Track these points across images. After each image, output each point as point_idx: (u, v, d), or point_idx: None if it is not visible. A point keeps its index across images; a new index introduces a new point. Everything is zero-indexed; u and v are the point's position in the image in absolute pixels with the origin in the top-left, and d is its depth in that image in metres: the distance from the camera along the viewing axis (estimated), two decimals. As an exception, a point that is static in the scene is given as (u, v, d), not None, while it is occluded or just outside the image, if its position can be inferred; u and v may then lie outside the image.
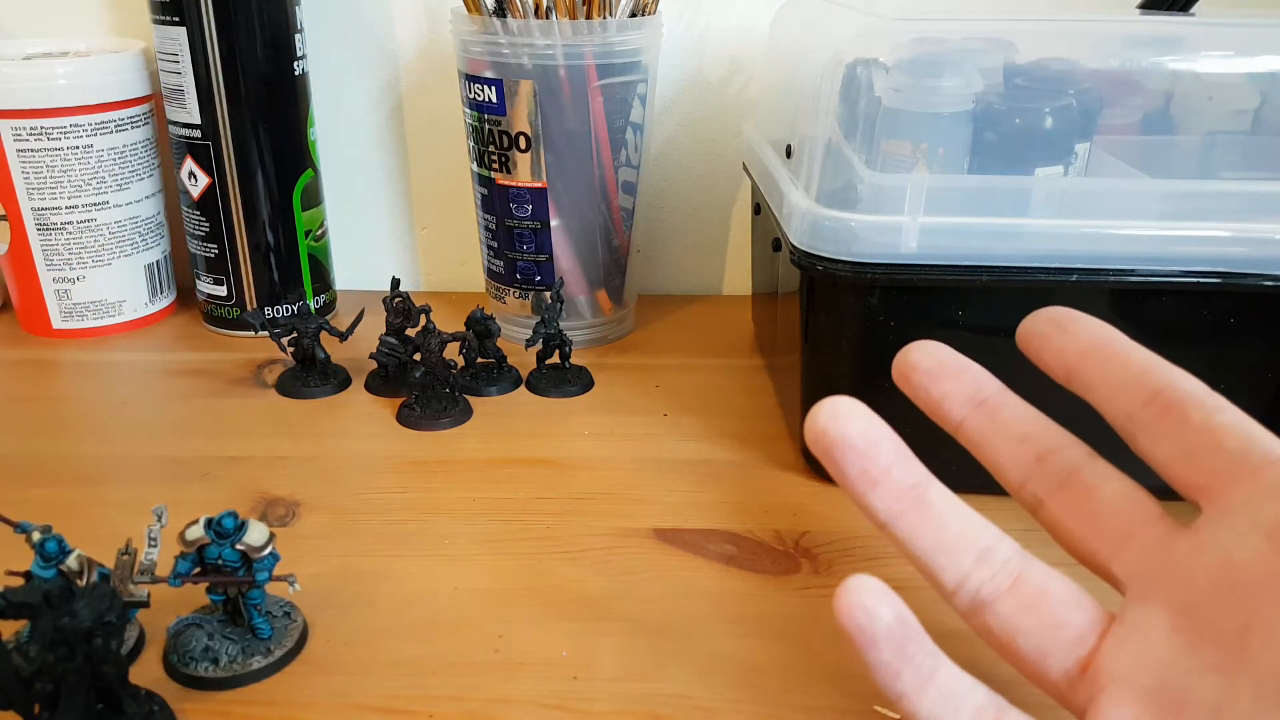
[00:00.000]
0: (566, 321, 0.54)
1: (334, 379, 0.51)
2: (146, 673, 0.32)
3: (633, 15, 0.51)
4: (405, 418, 0.48)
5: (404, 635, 0.34)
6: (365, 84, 0.63)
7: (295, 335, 0.51)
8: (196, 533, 0.31)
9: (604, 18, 0.50)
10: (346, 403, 0.50)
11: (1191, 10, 0.41)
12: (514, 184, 0.53)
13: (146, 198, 0.58)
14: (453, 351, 0.52)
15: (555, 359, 0.52)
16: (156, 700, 0.30)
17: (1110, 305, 0.38)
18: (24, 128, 0.53)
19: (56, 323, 0.57)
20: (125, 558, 0.31)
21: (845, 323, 0.39)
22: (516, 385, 0.52)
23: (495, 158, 0.52)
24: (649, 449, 0.46)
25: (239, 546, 0.31)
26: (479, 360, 0.51)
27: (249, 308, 0.58)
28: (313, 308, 0.58)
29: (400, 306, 0.51)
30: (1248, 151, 0.40)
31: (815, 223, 0.38)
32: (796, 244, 0.39)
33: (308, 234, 0.58)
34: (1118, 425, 0.25)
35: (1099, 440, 0.40)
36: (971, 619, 0.26)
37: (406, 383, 0.49)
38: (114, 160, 0.55)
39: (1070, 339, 0.27)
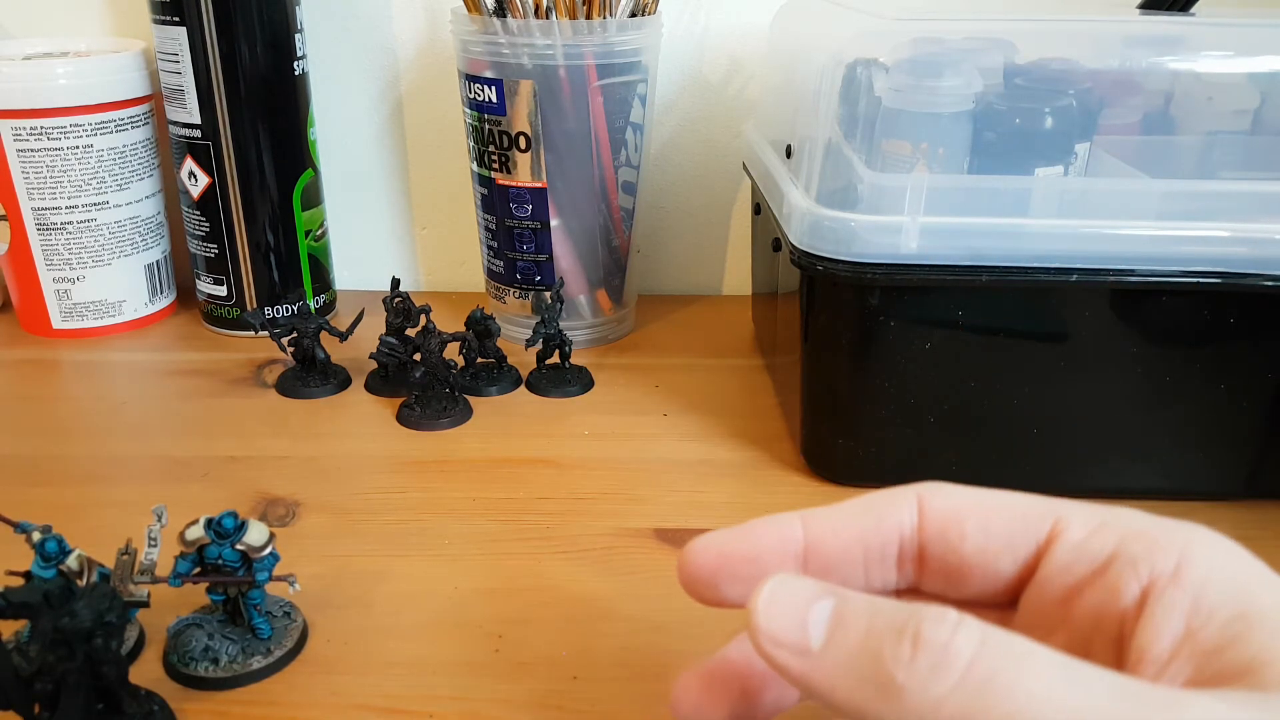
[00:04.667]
0: (566, 321, 0.54)
1: (334, 379, 0.51)
2: (146, 673, 0.32)
3: (633, 15, 0.51)
4: (405, 418, 0.48)
5: (404, 635, 0.34)
6: (365, 84, 0.63)
7: (295, 335, 0.51)
8: (196, 533, 0.31)
9: (604, 18, 0.50)
10: (346, 403, 0.50)
11: (1191, 10, 0.41)
12: (514, 184, 0.53)
13: (146, 198, 0.58)
14: (453, 351, 0.52)
15: (555, 359, 0.52)
16: (156, 700, 0.30)
17: (1110, 305, 0.38)
18: (24, 128, 0.53)
19: (56, 323, 0.57)
20: (125, 558, 0.31)
21: (845, 323, 0.39)
22: (516, 385, 0.52)
23: (495, 158, 0.52)
24: (649, 449, 0.46)
25: (239, 546, 0.31)
26: (479, 360, 0.51)
27: (249, 308, 0.58)
28: (313, 308, 0.58)
29: (400, 306, 0.51)
30: (1248, 151, 0.40)
31: (815, 223, 0.38)
32: (796, 244, 0.39)
33: (308, 234, 0.58)
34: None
35: (1100, 441, 0.41)
36: None
37: (406, 383, 0.49)
38: (114, 160, 0.55)
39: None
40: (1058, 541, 0.22)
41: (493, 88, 0.50)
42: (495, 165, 0.53)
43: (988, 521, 0.22)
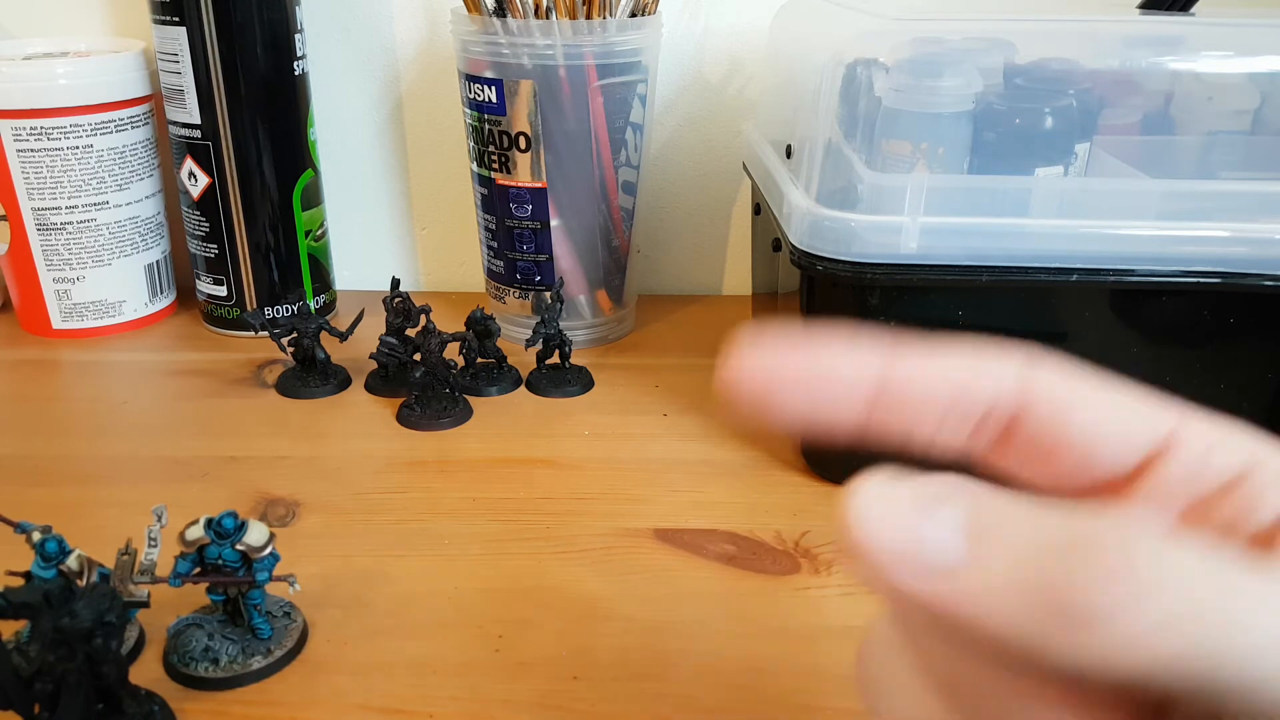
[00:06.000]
0: (566, 321, 0.54)
1: (334, 379, 0.51)
2: (146, 673, 0.32)
3: (633, 15, 0.50)
4: (405, 418, 0.48)
5: (404, 635, 0.34)
6: (365, 84, 0.63)
7: (295, 335, 0.51)
8: (196, 533, 0.31)
9: (604, 18, 0.50)
10: (346, 403, 0.50)
11: (1191, 10, 0.41)
12: (514, 184, 0.53)
13: (146, 198, 0.58)
14: (453, 351, 0.52)
15: (555, 359, 0.52)
16: (156, 700, 0.30)
17: (1110, 305, 0.38)
18: (24, 128, 0.53)
19: (56, 323, 0.57)
20: (125, 558, 0.31)
21: (845, 323, 0.39)
22: (516, 385, 0.52)
23: (495, 158, 0.52)
24: (649, 449, 0.46)
25: (239, 546, 0.31)
26: (479, 360, 0.51)
27: (249, 308, 0.58)
28: (313, 308, 0.58)
29: (400, 306, 0.51)
30: (1248, 151, 0.40)
31: (815, 223, 0.38)
32: (796, 244, 0.39)
33: (308, 234, 0.58)
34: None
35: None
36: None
37: (406, 383, 0.49)
38: (114, 160, 0.55)
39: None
40: (1180, 449, 0.19)
41: (493, 88, 0.50)
42: (495, 165, 0.53)
43: (1103, 403, 0.20)
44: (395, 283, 0.52)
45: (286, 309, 0.58)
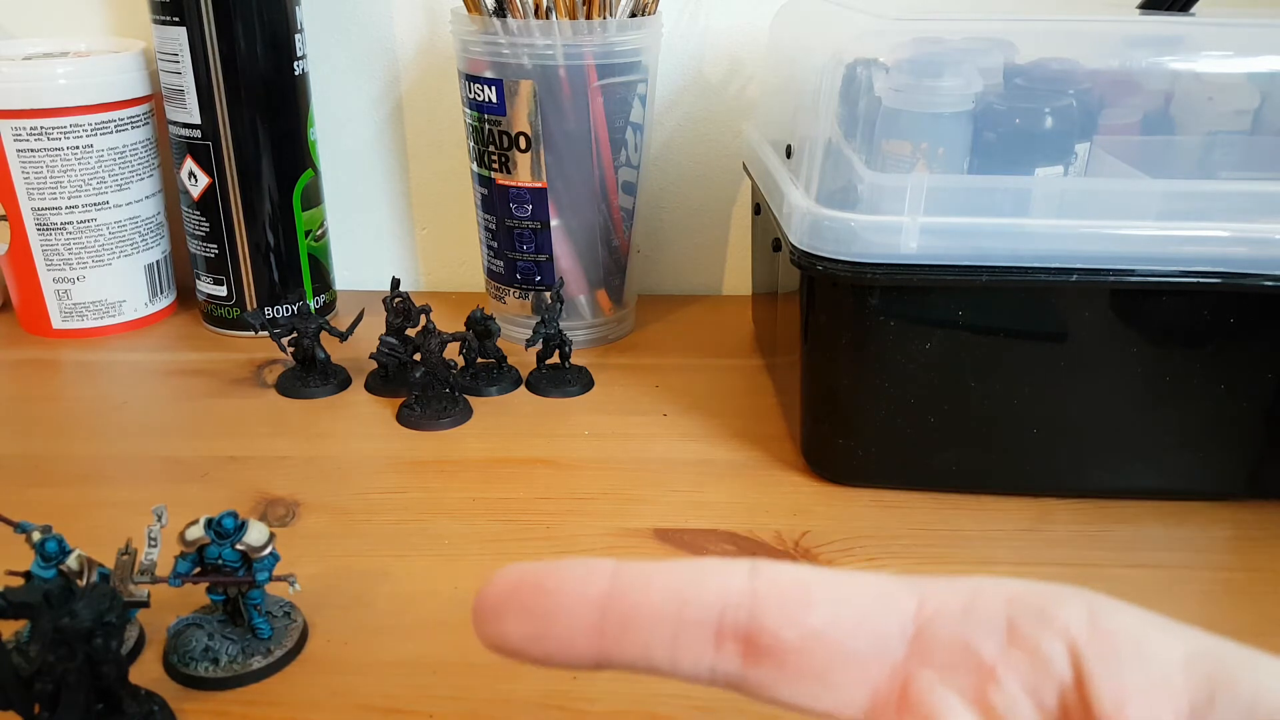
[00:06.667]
0: (566, 321, 0.54)
1: (334, 379, 0.51)
2: (146, 673, 0.32)
3: (633, 15, 0.51)
4: (405, 418, 0.48)
5: (404, 635, 0.34)
6: (365, 84, 0.63)
7: (295, 335, 0.51)
8: (196, 533, 0.31)
9: (604, 18, 0.50)
10: (346, 403, 0.50)
11: (1191, 10, 0.41)
12: (514, 184, 0.53)
13: (146, 198, 0.58)
14: (453, 351, 0.52)
15: (555, 359, 0.52)
16: (156, 700, 0.30)
17: (1110, 305, 0.38)
18: (24, 128, 0.53)
19: (56, 323, 0.57)
20: (125, 558, 0.31)
21: (845, 323, 0.39)
22: (516, 385, 0.52)
23: (495, 158, 0.52)
24: (649, 449, 0.46)
25: (239, 546, 0.31)
26: (479, 360, 0.51)
27: (249, 308, 0.58)
28: (313, 308, 0.58)
29: (400, 306, 0.51)
30: (1248, 151, 0.40)
31: (815, 223, 0.38)
32: (796, 244, 0.39)
33: (308, 234, 0.58)
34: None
35: (1100, 441, 0.40)
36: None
37: (406, 383, 0.49)
38: (114, 160, 0.55)
39: None
40: (936, 624, 0.18)
41: (493, 88, 0.50)
42: (495, 165, 0.53)
43: (835, 596, 0.19)
44: (395, 283, 0.52)
45: (286, 309, 0.58)
